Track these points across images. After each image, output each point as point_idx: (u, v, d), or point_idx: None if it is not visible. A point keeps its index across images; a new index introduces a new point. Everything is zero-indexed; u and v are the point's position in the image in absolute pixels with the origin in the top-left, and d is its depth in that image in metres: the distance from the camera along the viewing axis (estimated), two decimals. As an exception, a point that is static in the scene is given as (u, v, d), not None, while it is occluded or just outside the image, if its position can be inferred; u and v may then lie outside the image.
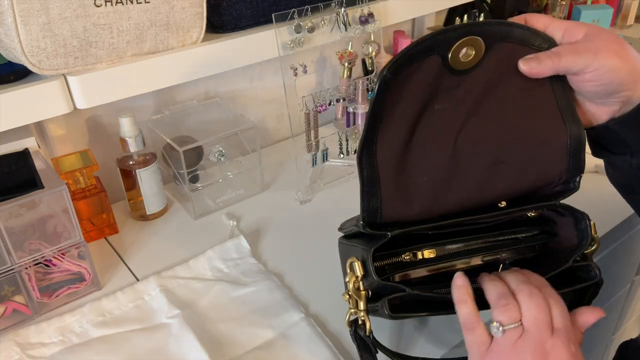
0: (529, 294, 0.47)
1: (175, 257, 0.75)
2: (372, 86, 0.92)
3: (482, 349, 0.46)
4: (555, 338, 0.45)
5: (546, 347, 0.45)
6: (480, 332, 0.47)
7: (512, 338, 0.45)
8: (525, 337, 0.45)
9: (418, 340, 0.62)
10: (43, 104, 0.65)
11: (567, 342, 0.46)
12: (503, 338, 0.46)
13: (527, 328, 0.45)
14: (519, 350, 0.45)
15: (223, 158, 0.86)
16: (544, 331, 0.45)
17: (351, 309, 0.54)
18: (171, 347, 0.62)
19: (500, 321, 0.46)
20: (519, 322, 0.46)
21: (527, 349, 0.45)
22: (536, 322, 0.45)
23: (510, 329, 0.45)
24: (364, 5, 0.85)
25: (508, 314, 0.46)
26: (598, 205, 0.67)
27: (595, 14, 1.21)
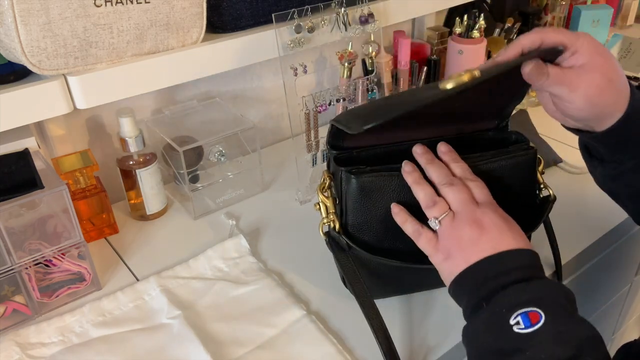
0: (449, 184, 0.55)
1: (175, 257, 0.75)
2: (372, 86, 0.92)
3: (432, 243, 0.54)
4: (482, 207, 0.53)
5: (477, 215, 0.52)
6: (426, 232, 0.55)
7: (448, 223, 0.53)
8: (457, 217, 0.53)
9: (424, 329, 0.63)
10: (43, 104, 0.65)
11: (494, 208, 0.53)
12: (442, 227, 0.53)
13: (455, 210, 0.53)
14: (457, 228, 0.52)
15: (223, 158, 0.86)
16: (469, 206, 0.53)
17: (323, 219, 0.61)
18: (172, 347, 0.62)
19: (434, 217, 0.54)
20: (447, 209, 0.54)
21: (463, 223, 0.52)
22: (460, 202, 0.53)
23: (443, 218, 0.53)
24: (364, 5, 0.85)
25: (437, 208, 0.54)
26: (598, 206, 0.67)
27: (595, 14, 1.21)
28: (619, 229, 0.81)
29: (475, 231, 0.51)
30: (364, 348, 0.61)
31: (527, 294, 0.47)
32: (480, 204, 0.53)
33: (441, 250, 0.53)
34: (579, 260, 0.77)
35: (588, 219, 0.81)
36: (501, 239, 0.51)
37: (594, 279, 0.89)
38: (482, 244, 0.51)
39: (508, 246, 0.50)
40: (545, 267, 0.72)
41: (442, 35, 1.11)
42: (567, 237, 0.74)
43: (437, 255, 0.54)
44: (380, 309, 0.58)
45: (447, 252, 0.53)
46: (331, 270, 0.70)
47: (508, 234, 0.51)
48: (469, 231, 0.51)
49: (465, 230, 0.52)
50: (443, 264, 0.53)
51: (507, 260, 0.50)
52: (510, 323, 0.45)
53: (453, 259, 0.52)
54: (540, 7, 1.26)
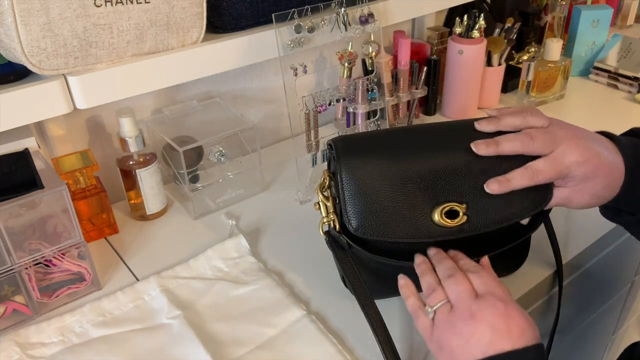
0: (450, 275, 0.54)
1: (175, 257, 0.75)
2: (372, 86, 0.92)
3: (428, 331, 0.53)
4: (479, 301, 0.51)
5: (472, 309, 0.50)
6: (423, 318, 0.54)
7: (444, 315, 0.52)
8: (453, 310, 0.52)
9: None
10: (43, 104, 0.65)
11: (493, 301, 0.51)
12: (438, 317, 0.52)
13: (452, 302, 0.52)
14: (451, 320, 0.51)
15: (223, 158, 0.86)
16: (466, 299, 0.51)
17: (323, 218, 0.61)
18: (172, 347, 0.62)
19: (429, 304, 0.54)
20: (445, 300, 0.53)
21: (456, 318, 0.51)
22: (458, 294, 0.52)
23: (439, 308, 0.53)
24: (364, 5, 0.85)
25: (433, 297, 0.54)
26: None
27: (595, 14, 1.21)
28: (619, 229, 0.81)
29: (466, 329, 0.50)
30: (364, 348, 0.61)
31: None
32: (479, 296, 0.52)
33: (435, 341, 0.52)
34: (579, 260, 0.77)
35: (588, 219, 0.80)
36: (493, 341, 0.48)
37: (594, 279, 0.89)
38: (472, 347, 0.49)
39: (501, 349, 0.48)
40: (546, 266, 0.72)
41: (442, 35, 1.11)
42: (567, 237, 0.74)
43: (432, 345, 0.53)
44: (381, 309, 0.58)
45: (439, 345, 0.52)
46: (331, 270, 0.70)
47: (503, 334, 0.48)
48: (460, 327, 0.50)
49: (458, 324, 0.50)
50: (437, 355, 0.52)
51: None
52: None
53: (445, 354, 0.51)
54: (540, 7, 1.26)
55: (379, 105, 0.94)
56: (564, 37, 1.27)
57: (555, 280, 0.73)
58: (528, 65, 1.11)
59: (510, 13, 1.20)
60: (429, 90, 1.06)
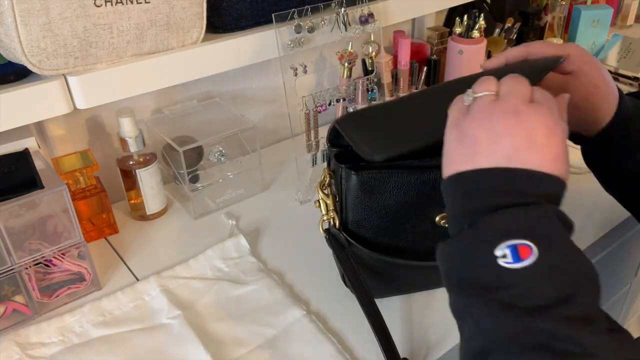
0: (512, 76, 0.45)
1: (175, 257, 0.75)
2: (372, 86, 0.92)
3: (457, 115, 0.46)
4: (531, 105, 0.43)
5: (519, 108, 0.42)
6: (460, 103, 0.47)
7: (485, 103, 0.44)
8: (498, 101, 0.44)
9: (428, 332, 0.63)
10: (43, 104, 0.65)
11: (546, 112, 0.42)
12: (477, 104, 0.45)
13: (501, 95, 0.44)
14: (490, 111, 0.43)
15: (223, 158, 0.86)
16: (518, 96, 0.43)
17: (323, 216, 0.61)
18: (172, 347, 0.62)
19: (474, 89, 0.45)
20: (493, 91, 0.45)
21: (498, 110, 0.43)
22: (512, 92, 0.44)
23: (482, 96, 0.45)
24: (364, 5, 0.85)
25: (483, 85, 0.45)
26: (598, 206, 0.67)
27: (595, 14, 1.21)
28: (619, 228, 0.81)
29: (501, 125, 0.42)
30: (364, 348, 0.61)
31: (520, 223, 0.39)
32: (533, 102, 0.43)
33: (459, 128, 0.45)
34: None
35: (588, 219, 0.81)
36: (524, 149, 0.41)
37: (594, 278, 0.89)
38: (499, 147, 0.42)
39: (527, 163, 0.41)
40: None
41: (442, 35, 1.11)
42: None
43: (452, 131, 0.46)
44: (381, 308, 0.58)
45: (463, 133, 0.44)
46: (331, 270, 0.70)
47: (538, 147, 0.41)
48: (496, 122, 0.42)
49: (494, 119, 0.43)
50: (451, 145, 0.45)
51: (516, 179, 0.41)
52: (495, 254, 0.39)
53: (463, 147, 0.44)
54: (540, 7, 1.26)
55: (379, 105, 0.94)
56: (564, 37, 1.27)
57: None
58: (528, 65, 1.11)
59: (510, 13, 1.20)
60: (429, 90, 1.06)
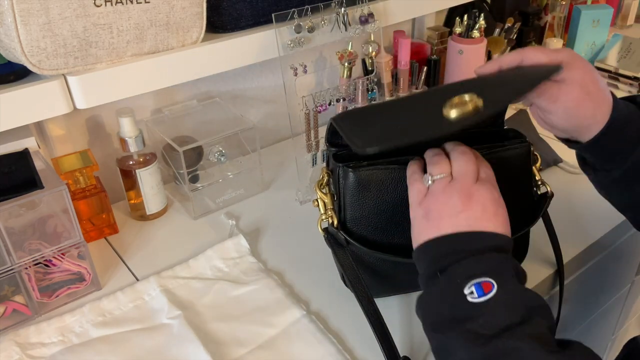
0: (461, 152, 0.54)
1: (175, 257, 0.75)
2: (372, 86, 0.92)
3: (419, 197, 0.54)
4: (479, 185, 0.52)
5: (471, 190, 0.51)
6: (419, 183, 0.54)
7: (442, 185, 0.52)
8: (452, 183, 0.52)
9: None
10: (43, 104, 0.65)
11: (491, 188, 0.52)
12: (435, 186, 0.53)
13: (455, 177, 0.53)
14: (449, 192, 0.52)
15: (223, 158, 0.86)
16: (469, 179, 0.52)
17: (322, 215, 0.61)
18: (172, 347, 0.62)
19: (431, 173, 0.53)
20: (448, 173, 0.53)
21: (454, 191, 0.51)
22: (463, 173, 0.52)
23: (439, 179, 0.53)
24: (364, 5, 0.85)
25: (438, 167, 0.53)
26: (598, 205, 0.67)
27: (595, 13, 1.21)
28: (619, 229, 0.81)
29: (460, 203, 0.51)
30: (364, 347, 0.61)
31: (481, 265, 0.48)
32: (480, 180, 0.53)
33: (423, 207, 0.53)
34: (580, 260, 0.77)
35: (588, 219, 0.80)
36: (480, 218, 0.50)
37: (594, 279, 0.89)
38: (460, 219, 0.50)
39: (484, 228, 0.50)
40: (547, 266, 0.72)
41: (442, 35, 1.11)
42: (567, 237, 0.74)
43: (418, 210, 0.53)
44: (380, 308, 0.58)
45: (427, 211, 0.52)
46: (331, 270, 0.70)
47: (490, 216, 0.51)
48: (455, 201, 0.51)
49: (453, 198, 0.51)
50: (419, 221, 0.53)
51: (476, 240, 0.50)
52: (464, 293, 0.47)
53: (429, 221, 0.52)
54: (540, 7, 1.26)
55: (379, 105, 0.94)
56: (564, 37, 1.27)
57: (554, 281, 0.73)
58: (528, 65, 1.11)
59: (510, 13, 1.20)
60: (429, 90, 1.06)
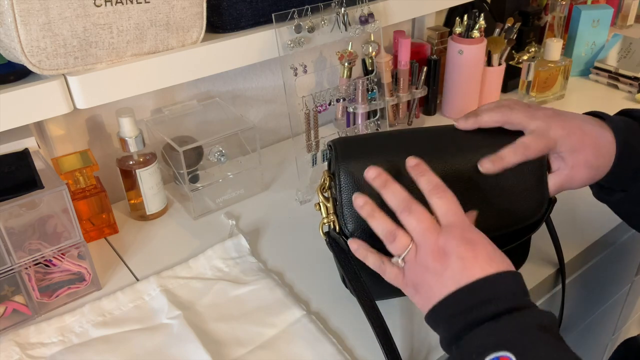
0: (407, 211, 0.51)
1: (175, 257, 0.75)
2: (372, 86, 0.92)
3: (399, 279, 0.52)
4: (444, 233, 0.49)
5: (439, 244, 0.49)
6: (389, 268, 0.53)
7: (412, 258, 0.51)
8: (419, 250, 0.50)
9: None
10: (43, 104, 0.65)
11: (457, 232, 0.49)
12: (407, 263, 0.51)
13: (417, 242, 0.50)
14: (420, 262, 0.50)
15: (223, 158, 0.86)
16: (431, 235, 0.49)
17: (323, 219, 0.60)
18: (172, 347, 0.62)
19: (396, 254, 0.52)
20: (409, 244, 0.51)
21: (426, 256, 0.49)
22: (421, 232, 0.50)
23: (406, 254, 0.51)
24: (364, 5, 0.85)
25: (398, 245, 0.51)
26: (598, 206, 0.67)
27: (595, 13, 1.21)
28: (619, 229, 0.81)
29: (438, 264, 0.48)
30: (364, 348, 0.61)
31: (495, 337, 0.44)
32: (443, 228, 0.50)
33: (410, 285, 0.52)
34: (580, 260, 0.77)
35: (588, 219, 0.81)
36: (464, 270, 0.47)
37: (594, 279, 0.89)
38: (445, 280, 0.48)
39: (472, 277, 0.47)
40: (547, 266, 0.72)
41: (442, 35, 1.11)
42: (567, 237, 0.74)
43: (408, 290, 0.52)
44: (381, 309, 0.58)
45: (414, 286, 0.51)
46: (331, 270, 0.70)
47: (472, 262, 0.48)
48: (432, 264, 0.49)
49: (429, 263, 0.49)
50: (414, 298, 0.52)
51: (471, 295, 0.47)
52: None
53: (421, 294, 0.50)
54: (541, 7, 1.26)
55: (379, 105, 0.94)
56: (564, 37, 1.27)
57: (554, 281, 0.73)
58: (528, 65, 1.11)
59: (510, 13, 1.20)
60: (429, 90, 1.06)
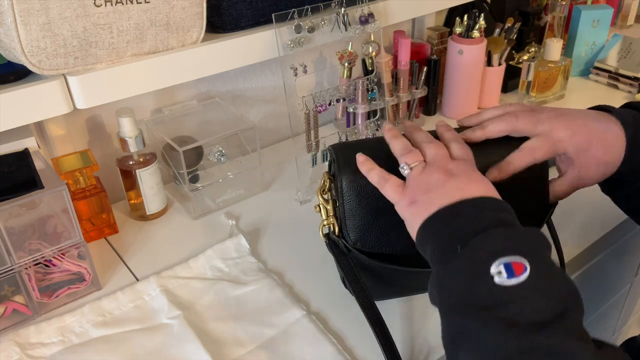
0: (429, 142, 0.54)
1: (175, 257, 0.75)
2: (372, 86, 0.92)
3: (399, 190, 0.52)
4: (456, 162, 0.52)
5: (449, 166, 0.51)
6: (392, 179, 0.53)
7: (418, 170, 0.52)
8: (428, 166, 0.52)
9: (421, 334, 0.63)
10: (43, 104, 0.65)
11: (468, 164, 0.52)
12: (411, 173, 0.52)
13: (429, 161, 0.53)
14: (426, 173, 0.51)
15: (223, 158, 0.86)
16: (443, 158, 0.52)
17: (323, 221, 0.60)
18: (172, 347, 0.62)
19: (405, 162, 0.53)
20: (421, 159, 0.53)
21: (433, 170, 0.51)
22: (435, 155, 0.53)
23: (415, 166, 0.52)
24: (364, 5, 0.85)
25: (410, 156, 0.53)
26: (598, 206, 0.67)
27: (595, 13, 1.21)
28: (619, 229, 0.81)
29: (443, 176, 0.50)
30: (364, 348, 0.61)
31: (510, 241, 0.42)
32: (455, 159, 0.53)
33: (407, 196, 0.51)
34: (580, 260, 0.77)
35: (588, 219, 0.80)
36: (470, 185, 0.48)
37: (594, 279, 0.89)
38: (450, 188, 0.48)
39: (478, 193, 0.48)
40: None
41: (442, 35, 1.11)
42: (567, 237, 0.74)
43: (403, 201, 0.51)
44: (381, 310, 0.58)
45: (412, 196, 0.50)
46: (331, 270, 0.70)
47: (478, 183, 0.49)
48: (437, 176, 0.50)
49: (434, 175, 0.50)
50: (408, 210, 0.50)
51: (480, 205, 0.47)
52: (491, 273, 0.41)
53: (419, 203, 0.49)
54: (541, 7, 1.26)
55: (379, 105, 0.94)
56: (564, 37, 1.27)
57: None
58: (528, 65, 1.11)
59: (510, 13, 1.20)
60: (429, 90, 1.06)
